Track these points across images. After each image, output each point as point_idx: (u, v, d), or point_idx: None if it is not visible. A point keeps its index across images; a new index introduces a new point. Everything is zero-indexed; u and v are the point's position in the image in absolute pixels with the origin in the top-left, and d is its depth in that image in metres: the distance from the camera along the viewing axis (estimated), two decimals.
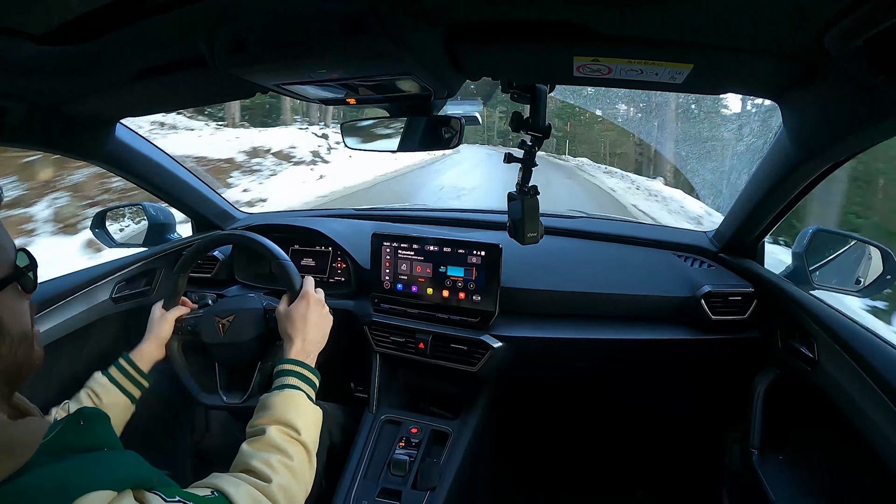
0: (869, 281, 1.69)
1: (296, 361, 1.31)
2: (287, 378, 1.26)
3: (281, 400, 1.19)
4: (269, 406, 1.18)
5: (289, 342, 1.37)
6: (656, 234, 2.15)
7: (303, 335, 1.37)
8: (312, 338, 1.39)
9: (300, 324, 1.39)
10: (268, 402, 1.19)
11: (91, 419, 0.85)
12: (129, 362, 1.44)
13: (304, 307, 1.42)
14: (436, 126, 1.41)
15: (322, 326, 1.45)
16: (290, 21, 0.91)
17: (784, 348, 1.65)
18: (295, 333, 1.37)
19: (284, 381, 1.26)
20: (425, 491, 1.64)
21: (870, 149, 1.24)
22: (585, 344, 1.84)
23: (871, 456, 1.22)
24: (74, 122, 1.53)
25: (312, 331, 1.40)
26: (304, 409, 1.21)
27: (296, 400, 1.21)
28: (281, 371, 1.29)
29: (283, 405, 1.18)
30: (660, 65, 1.01)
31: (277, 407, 1.17)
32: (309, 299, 1.43)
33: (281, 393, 1.21)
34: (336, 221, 2.28)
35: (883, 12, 0.69)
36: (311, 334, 1.39)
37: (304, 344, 1.36)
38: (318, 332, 1.42)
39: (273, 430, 1.11)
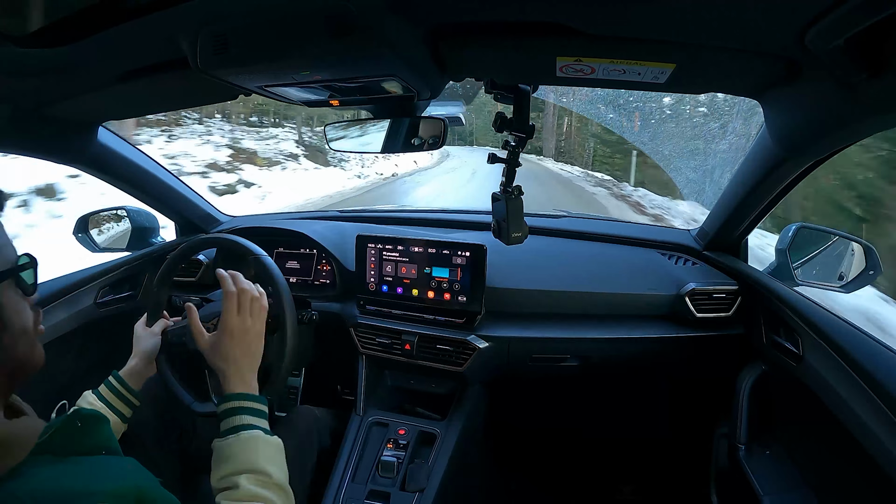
0: (852, 276, 1.70)
1: (240, 396, 1.20)
2: (238, 418, 1.16)
3: (240, 446, 1.11)
4: (231, 456, 1.10)
5: (223, 376, 1.23)
6: (640, 233, 2.16)
7: (235, 365, 1.24)
8: (247, 363, 1.27)
9: (229, 357, 1.25)
10: (227, 452, 1.11)
11: (89, 420, 0.83)
12: (120, 381, 1.41)
13: (227, 340, 1.26)
14: (419, 127, 1.41)
15: (252, 350, 1.29)
16: (273, 22, 0.90)
17: (769, 344, 1.66)
18: (225, 366, 1.24)
19: (237, 422, 1.15)
20: (414, 492, 1.64)
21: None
22: (571, 342, 1.85)
23: (856, 449, 1.23)
24: (56, 126, 1.52)
25: (243, 359, 1.26)
26: (266, 448, 1.14)
27: (256, 442, 1.13)
28: (228, 410, 1.17)
29: (244, 451, 1.11)
30: (643, 64, 1.01)
31: (240, 454, 1.10)
32: (227, 329, 1.27)
33: (237, 438, 1.12)
34: (320, 224, 2.27)
35: (863, 11, 0.70)
36: (242, 362, 1.25)
37: (241, 373, 1.24)
38: (249, 357, 1.27)
39: (245, 481, 1.05)
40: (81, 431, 0.80)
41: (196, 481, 1.74)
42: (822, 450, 1.49)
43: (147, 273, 2.15)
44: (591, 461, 2.63)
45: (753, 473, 1.62)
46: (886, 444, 1.13)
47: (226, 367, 1.24)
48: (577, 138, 34.41)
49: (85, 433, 0.81)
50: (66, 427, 0.79)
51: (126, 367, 1.45)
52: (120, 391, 1.39)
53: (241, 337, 1.27)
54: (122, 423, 1.39)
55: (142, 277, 2.15)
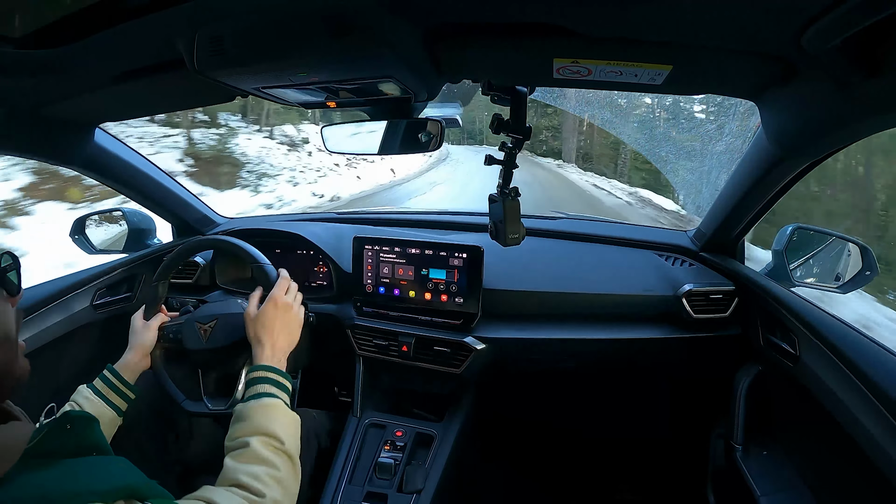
0: (848, 277, 1.70)
1: (268, 367, 1.28)
2: (262, 386, 1.23)
3: (260, 410, 1.16)
4: (248, 416, 1.14)
5: (258, 347, 1.33)
6: (637, 234, 2.16)
7: (272, 340, 1.34)
8: (282, 342, 1.37)
9: (269, 327, 1.36)
10: (246, 413, 1.16)
11: (78, 422, 0.82)
12: (115, 374, 1.41)
13: (272, 310, 1.38)
14: (416, 129, 1.41)
15: (291, 330, 1.42)
16: (270, 23, 0.90)
17: (765, 345, 1.66)
18: (264, 337, 1.34)
19: (260, 390, 1.22)
20: (411, 494, 1.64)
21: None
22: (568, 344, 1.85)
23: (853, 448, 1.23)
24: (53, 127, 1.52)
25: (282, 335, 1.37)
26: (284, 417, 1.18)
27: (275, 409, 1.18)
28: (254, 378, 1.25)
29: (262, 415, 1.15)
30: (639, 66, 1.02)
31: (257, 417, 1.14)
32: (276, 302, 1.40)
33: (258, 402, 1.18)
34: (317, 225, 2.27)
35: (860, 12, 0.70)
36: (280, 339, 1.36)
37: (274, 349, 1.33)
38: (287, 336, 1.39)
39: (256, 442, 1.08)
40: (71, 433, 0.80)
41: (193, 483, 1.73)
42: (818, 449, 1.49)
43: (144, 275, 2.15)
44: (588, 462, 2.63)
45: (750, 473, 1.63)
46: (883, 443, 1.14)
47: (264, 338, 1.34)
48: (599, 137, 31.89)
49: (74, 435, 0.81)
50: (56, 430, 0.79)
51: (121, 360, 1.45)
52: (115, 384, 1.40)
53: (284, 313, 1.40)
54: (118, 417, 1.39)
55: (139, 279, 2.14)
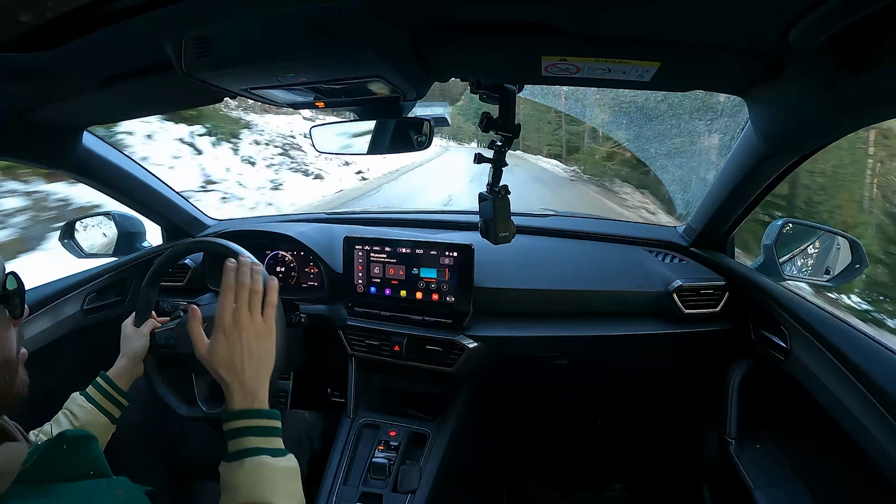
0: (838, 271, 1.71)
1: (244, 413, 1.04)
2: (244, 440, 1.01)
3: (244, 476, 0.98)
4: (234, 486, 0.97)
5: (226, 389, 1.07)
6: (627, 231, 2.17)
7: (236, 376, 1.06)
8: (252, 372, 1.08)
9: (226, 364, 1.08)
10: (231, 481, 0.98)
11: (75, 443, 0.79)
12: (108, 381, 1.40)
13: (223, 342, 1.09)
14: (405, 128, 1.41)
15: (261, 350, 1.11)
16: (257, 25, 0.90)
17: (757, 339, 1.67)
18: (227, 377, 1.07)
19: (241, 445, 1.01)
20: (406, 493, 1.64)
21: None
22: (560, 341, 1.85)
23: (845, 440, 1.24)
24: (40, 131, 1.50)
25: (249, 364, 1.08)
26: (276, 475, 1.00)
27: (262, 470, 0.99)
28: (231, 431, 1.03)
29: (249, 483, 0.97)
30: (627, 63, 1.02)
31: (245, 486, 0.97)
32: (223, 329, 1.09)
33: (241, 466, 0.98)
34: (307, 226, 2.26)
35: (846, 9, 0.70)
36: (248, 370, 1.07)
37: (244, 385, 1.06)
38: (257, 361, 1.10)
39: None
40: (67, 455, 0.77)
41: (187, 488, 1.73)
42: (811, 442, 1.50)
43: (134, 278, 2.14)
44: (581, 458, 2.63)
45: (744, 467, 1.64)
46: (874, 434, 1.15)
47: (226, 377, 1.07)
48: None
49: (71, 456, 0.78)
50: (51, 451, 0.75)
51: (114, 368, 1.44)
52: (108, 392, 1.38)
53: (240, 339, 1.08)
54: (111, 424, 1.38)
55: (129, 283, 2.13)
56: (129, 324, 1.53)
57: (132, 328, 1.52)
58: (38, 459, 0.73)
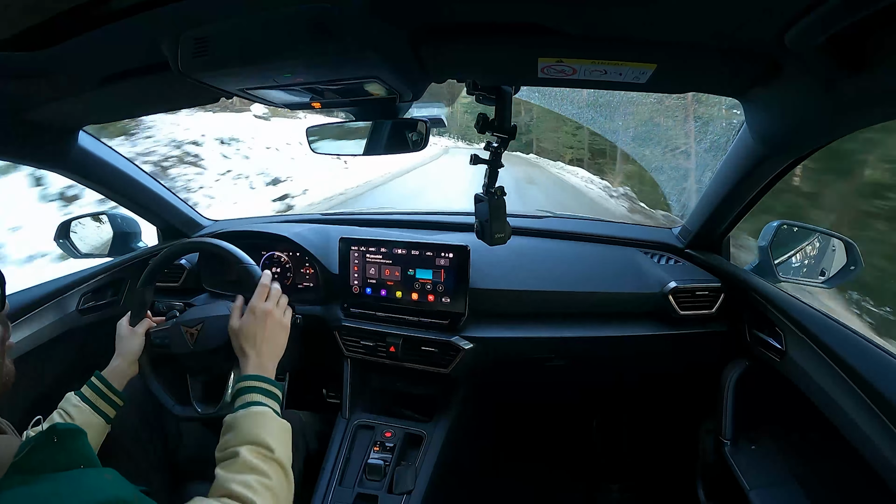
0: (833, 273, 1.71)
1: (255, 377, 1.25)
2: (250, 395, 1.20)
3: (248, 419, 1.14)
4: (237, 426, 1.12)
5: (244, 358, 1.31)
6: (623, 232, 2.17)
7: (256, 350, 1.31)
8: (267, 351, 1.33)
9: (252, 338, 1.33)
10: (235, 423, 1.13)
11: (65, 435, 0.81)
12: (103, 381, 1.40)
13: (252, 320, 1.35)
14: (401, 129, 1.40)
15: (276, 338, 1.38)
16: (254, 25, 0.90)
17: (752, 340, 1.67)
18: (248, 348, 1.31)
19: (248, 399, 1.19)
20: (401, 494, 1.64)
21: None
22: (556, 342, 1.85)
23: (840, 441, 1.24)
24: (36, 130, 1.50)
25: (266, 344, 1.33)
26: (273, 425, 1.15)
27: (263, 417, 1.15)
28: (242, 388, 1.22)
29: (251, 424, 1.12)
30: (624, 65, 1.02)
31: (246, 426, 1.12)
32: (255, 310, 1.36)
33: (247, 411, 1.15)
34: (303, 227, 2.26)
35: (843, 11, 0.70)
36: (265, 348, 1.33)
37: (260, 359, 1.30)
38: (272, 345, 1.35)
39: (246, 451, 1.06)
40: (58, 447, 0.79)
41: (183, 489, 1.72)
42: (806, 442, 1.51)
43: (130, 279, 2.13)
44: (577, 459, 2.63)
45: (739, 468, 1.64)
46: (869, 435, 1.15)
47: (248, 349, 1.31)
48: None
49: (62, 448, 0.79)
50: (42, 444, 0.77)
51: (109, 368, 1.44)
52: (103, 392, 1.38)
53: (266, 321, 1.36)
54: (105, 424, 1.38)
55: (124, 283, 2.13)
56: (124, 323, 1.53)
57: (127, 328, 1.52)
58: (29, 451, 0.75)
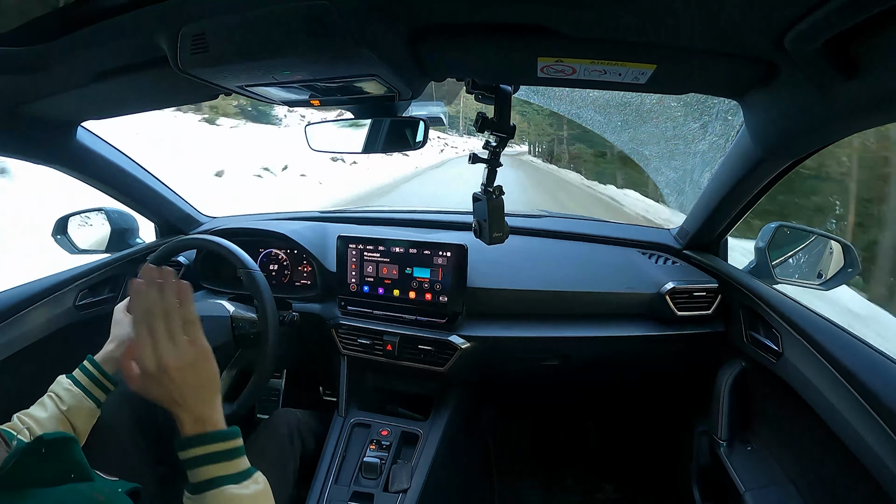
0: (830, 274, 1.72)
1: (198, 439, 0.94)
2: (201, 471, 0.93)
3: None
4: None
5: (176, 419, 0.95)
6: (621, 233, 2.17)
7: (182, 407, 0.94)
8: (192, 401, 0.95)
9: (166, 399, 0.94)
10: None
11: (53, 445, 0.76)
12: (95, 365, 1.39)
13: (152, 385, 0.93)
14: (400, 127, 1.40)
15: (193, 381, 0.95)
16: (253, 21, 0.90)
17: (749, 341, 1.67)
18: (173, 408, 0.95)
19: (200, 477, 0.93)
20: (397, 493, 1.63)
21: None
22: (552, 342, 1.85)
23: (835, 443, 1.25)
24: (34, 125, 1.49)
25: (187, 397, 0.94)
26: (237, 501, 0.92)
27: (224, 499, 0.91)
28: (188, 461, 0.94)
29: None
30: (623, 65, 1.02)
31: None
32: (147, 372, 0.92)
33: (202, 500, 0.91)
34: (301, 224, 2.25)
35: (841, 14, 0.71)
36: (188, 400, 0.94)
37: (193, 413, 0.95)
38: (194, 391, 0.95)
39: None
40: (46, 458, 0.74)
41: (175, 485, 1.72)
42: (801, 444, 1.51)
43: (127, 275, 2.13)
44: (571, 459, 2.64)
45: (735, 469, 1.64)
46: (865, 437, 1.15)
47: (169, 408, 0.95)
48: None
49: (50, 460, 0.75)
50: (29, 456, 0.72)
51: (102, 352, 1.42)
52: (95, 376, 1.37)
53: (168, 378, 0.93)
54: (97, 408, 1.37)
55: (122, 279, 2.12)
56: (121, 308, 1.51)
57: (124, 312, 1.50)
58: (14, 465, 0.70)
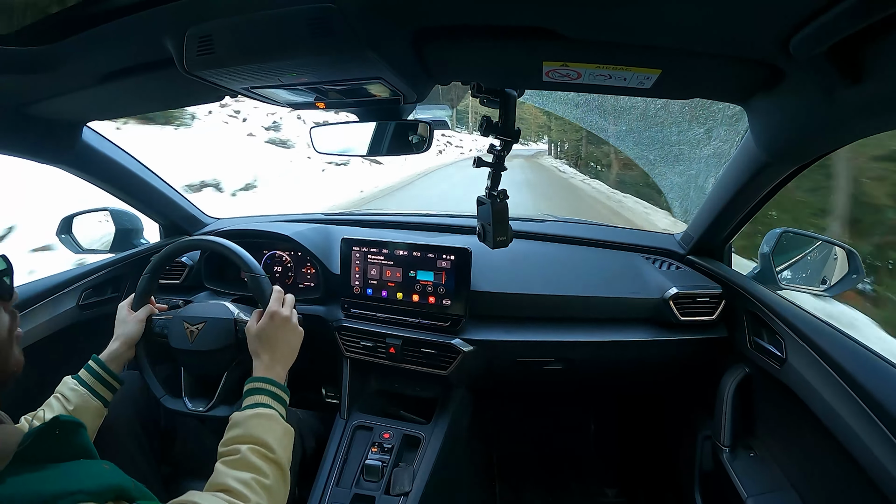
0: (835, 280, 1.71)
1: (266, 379, 1.30)
2: (258, 396, 1.25)
3: (254, 419, 1.18)
4: (242, 424, 1.16)
5: (257, 360, 1.36)
6: (625, 237, 2.17)
7: (271, 353, 1.36)
8: (281, 356, 1.38)
9: (268, 342, 1.38)
10: (240, 421, 1.18)
11: (67, 428, 0.82)
12: (101, 364, 1.42)
13: (271, 325, 1.40)
14: (405, 130, 1.41)
15: (291, 343, 1.43)
16: (259, 23, 0.90)
17: (752, 347, 1.67)
18: (263, 351, 1.36)
19: (256, 400, 1.24)
20: (398, 496, 1.63)
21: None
22: (555, 346, 1.85)
23: (838, 450, 1.24)
24: (40, 125, 1.51)
25: (281, 349, 1.39)
26: (277, 428, 1.20)
27: (269, 419, 1.20)
28: (252, 389, 1.28)
29: (256, 424, 1.17)
30: (628, 70, 1.02)
31: (251, 426, 1.16)
32: (275, 318, 1.41)
33: (254, 411, 1.20)
34: (305, 226, 2.26)
35: (846, 19, 0.71)
36: (279, 352, 1.38)
37: (273, 362, 1.35)
38: (286, 349, 1.41)
39: (248, 450, 1.10)
40: (59, 439, 0.80)
41: (178, 485, 1.72)
42: (805, 451, 1.50)
43: (131, 275, 2.13)
44: (574, 464, 2.63)
45: (737, 475, 1.63)
46: (868, 444, 1.15)
47: (263, 353, 1.36)
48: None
49: (63, 441, 0.80)
50: (45, 435, 0.78)
51: (107, 351, 1.45)
52: (101, 375, 1.40)
53: (282, 327, 1.41)
54: (103, 407, 1.40)
55: (126, 279, 2.13)
56: (125, 306, 1.55)
57: (128, 311, 1.55)
58: (33, 441, 0.76)
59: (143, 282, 1.61)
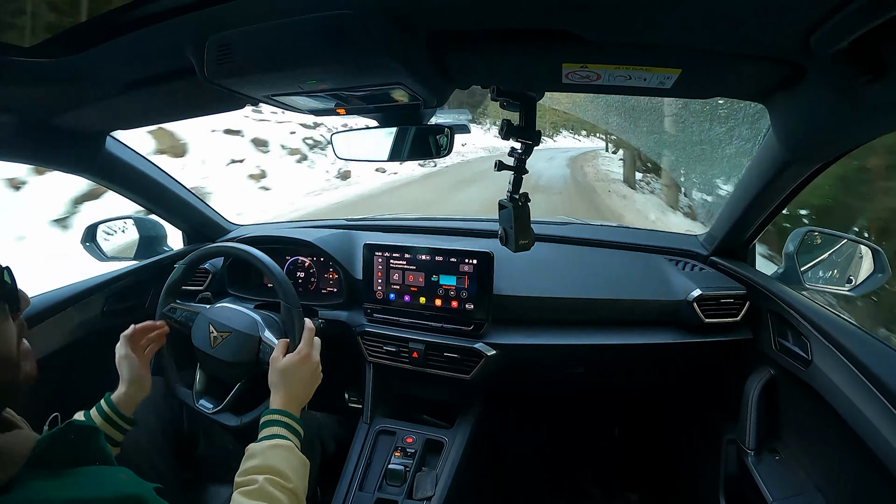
0: (860, 280, 1.69)
1: (283, 412, 1.32)
2: (275, 428, 1.28)
3: (271, 450, 1.20)
4: (260, 455, 1.18)
5: (276, 393, 1.38)
6: (647, 239, 2.16)
7: (292, 391, 1.38)
8: (297, 394, 1.39)
9: (292, 381, 1.39)
10: (258, 452, 1.19)
11: (82, 432, 0.83)
12: (111, 406, 1.39)
13: (300, 367, 1.41)
14: (426, 135, 1.41)
15: (312, 386, 1.45)
16: (278, 31, 0.91)
17: (777, 349, 1.65)
18: (285, 387, 1.38)
19: (273, 431, 1.27)
20: (421, 500, 1.64)
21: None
22: (578, 350, 1.84)
23: (865, 452, 1.22)
24: (64, 135, 1.53)
25: (300, 388, 1.40)
26: (294, 459, 1.22)
27: (286, 450, 1.22)
28: (269, 421, 1.30)
29: (272, 455, 1.19)
30: (648, 70, 1.02)
31: (268, 456, 1.18)
32: (305, 361, 1.43)
33: (271, 443, 1.22)
34: (327, 232, 2.27)
35: (867, 14, 0.70)
36: (301, 392, 1.40)
37: (291, 399, 1.37)
38: (305, 389, 1.42)
39: (265, 480, 1.12)
40: (74, 444, 0.81)
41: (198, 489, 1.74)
42: (831, 454, 1.48)
43: (155, 282, 2.15)
44: (596, 467, 2.62)
45: (762, 479, 1.62)
46: (895, 447, 1.13)
47: (285, 388, 1.37)
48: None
49: (78, 445, 0.81)
50: (59, 440, 0.79)
51: (117, 394, 1.43)
52: (111, 417, 1.38)
53: (307, 369, 1.42)
54: (113, 447, 1.37)
55: (149, 286, 2.15)
56: (121, 348, 1.51)
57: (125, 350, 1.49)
58: (48, 446, 0.77)
59: (176, 272, 1.65)
